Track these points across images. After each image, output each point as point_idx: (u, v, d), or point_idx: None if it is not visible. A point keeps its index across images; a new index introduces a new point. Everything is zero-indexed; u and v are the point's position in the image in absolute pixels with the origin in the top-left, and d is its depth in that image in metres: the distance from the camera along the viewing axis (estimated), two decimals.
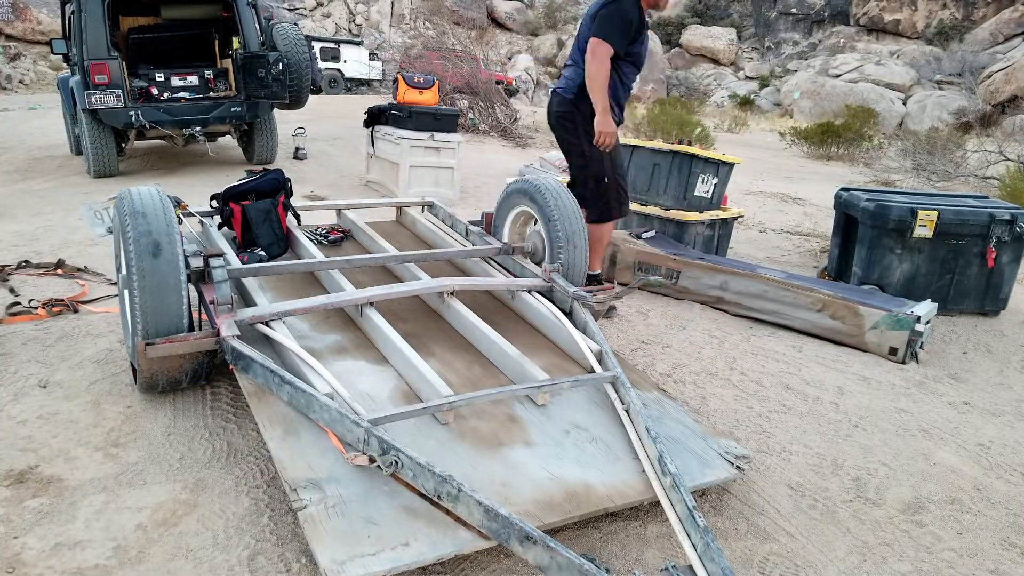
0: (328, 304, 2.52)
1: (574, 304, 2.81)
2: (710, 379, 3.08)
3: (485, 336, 2.56)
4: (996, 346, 3.88)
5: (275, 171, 3.52)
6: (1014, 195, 7.14)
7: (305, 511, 1.70)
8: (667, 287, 4.19)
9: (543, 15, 29.79)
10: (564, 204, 3.07)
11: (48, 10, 19.12)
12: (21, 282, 3.68)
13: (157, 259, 2.24)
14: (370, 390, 2.25)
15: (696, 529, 1.69)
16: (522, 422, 2.18)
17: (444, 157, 6.65)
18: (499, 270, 3.17)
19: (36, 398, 2.43)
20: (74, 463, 2.09)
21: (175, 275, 2.28)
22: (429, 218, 3.88)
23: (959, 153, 11.28)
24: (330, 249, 3.47)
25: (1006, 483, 2.43)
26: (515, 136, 12.03)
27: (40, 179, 6.90)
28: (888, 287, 4.12)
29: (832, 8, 28.87)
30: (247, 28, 7.16)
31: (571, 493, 1.90)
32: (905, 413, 2.90)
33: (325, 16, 26.23)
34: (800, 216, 7.50)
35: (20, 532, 1.78)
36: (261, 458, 2.16)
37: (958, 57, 23.36)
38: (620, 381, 2.33)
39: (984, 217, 4.08)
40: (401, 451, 1.75)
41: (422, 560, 1.63)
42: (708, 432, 2.31)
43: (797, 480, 2.31)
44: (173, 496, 1.96)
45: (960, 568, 1.95)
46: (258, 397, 2.12)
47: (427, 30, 20.31)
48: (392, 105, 6.78)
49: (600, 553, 1.86)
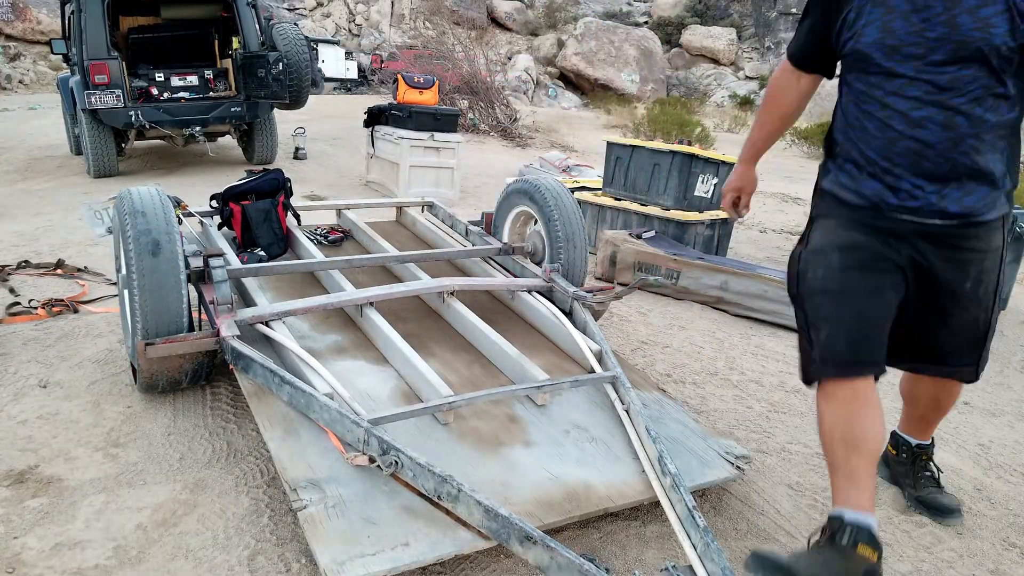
0: (328, 304, 2.52)
1: (574, 304, 2.81)
2: (710, 379, 3.08)
3: (485, 336, 2.56)
4: (996, 346, 3.87)
5: (275, 171, 3.53)
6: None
7: (305, 511, 1.70)
8: (667, 287, 4.19)
9: (543, 15, 29.78)
10: (564, 204, 3.07)
11: (48, 10, 19.10)
12: (21, 282, 3.68)
13: (157, 258, 2.24)
14: (370, 390, 2.25)
15: (696, 529, 1.69)
16: (522, 422, 2.18)
17: (444, 157, 6.65)
18: (499, 270, 3.17)
19: (36, 398, 2.43)
20: (74, 463, 2.08)
21: (175, 275, 2.28)
22: (429, 218, 3.88)
23: None
24: (330, 249, 3.47)
25: (1006, 483, 2.43)
26: (515, 136, 12.03)
27: (40, 179, 6.90)
28: None
29: None
30: (247, 28, 7.16)
31: (571, 493, 1.90)
32: None
33: (325, 16, 26.22)
34: (800, 216, 7.50)
35: (20, 532, 1.78)
36: (261, 458, 2.16)
37: None
38: (620, 381, 2.33)
39: None
40: (401, 451, 1.75)
41: (422, 560, 1.63)
42: (708, 432, 2.30)
43: (797, 480, 2.31)
44: (173, 496, 1.96)
45: (960, 568, 1.95)
46: (258, 397, 2.12)
47: (427, 30, 20.33)
48: (392, 105, 6.78)
49: (600, 553, 1.86)
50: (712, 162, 4.80)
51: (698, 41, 29.50)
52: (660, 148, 4.85)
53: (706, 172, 4.79)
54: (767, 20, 30.52)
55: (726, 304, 3.99)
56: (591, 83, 24.37)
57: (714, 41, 29.34)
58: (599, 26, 25.41)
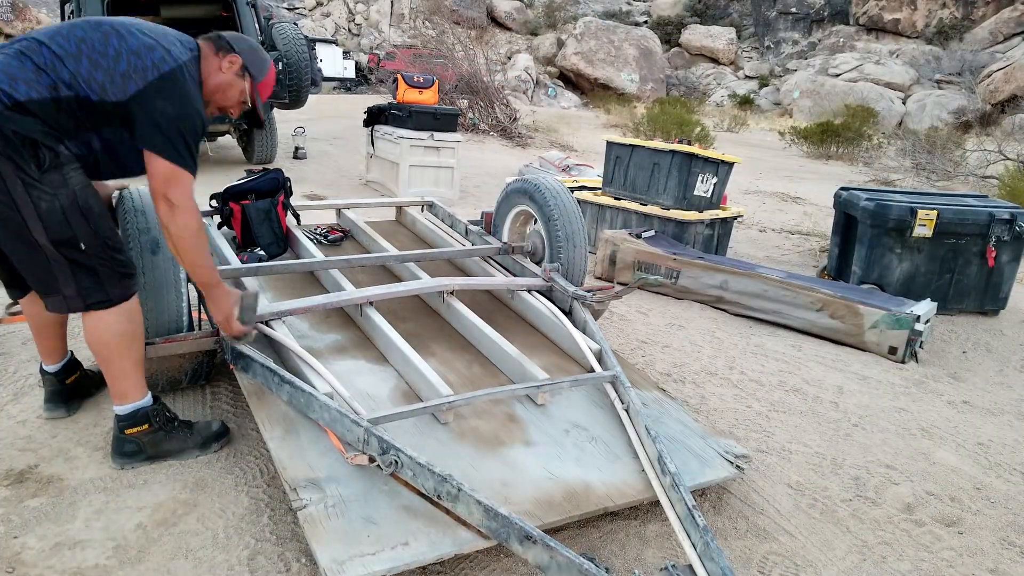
0: (328, 304, 2.52)
1: (574, 303, 2.81)
2: (710, 378, 3.08)
3: (485, 335, 2.56)
4: (996, 345, 3.88)
5: (275, 171, 3.52)
6: (1013, 194, 7.14)
7: (305, 511, 1.70)
8: (667, 286, 4.19)
9: (543, 14, 29.79)
10: (564, 204, 3.07)
11: (48, 9, 19.10)
12: None
13: (156, 257, 2.24)
14: (370, 390, 2.25)
15: (696, 528, 1.70)
16: (522, 421, 2.18)
17: (444, 157, 6.65)
18: (499, 270, 3.17)
19: (36, 398, 2.43)
20: (74, 462, 2.08)
21: (175, 274, 2.28)
22: (429, 217, 3.87)
23: (959, 152, 11.29)
24: (330, 248, 3.46)
25: (1005, 482, 2.43)
26: (515, 135, 12.03)
27: None
28: (888, 286, 4.13)
29: (831, 7, 28.86)
30: (247, 28, 7.15)
31: (571, 492, 1.90)
32: (905, 412, 2.91)
33: (325, 16, 26.21)
34: (800, 215, 7.50)
35: (20, 532, 1.78)
36: (261, 458, 2.16)
37: (958, 56, 23.35)
38: (620, 380, 2.33)
39: (984, 216, 4.08)
40: (401, 450, 1.75)
41: (422, 559, 1.63)
42: (708, 431, 2.31)
43: (797, 479, 2.31)
44: (173, 495, 1.96)
45: (960, 567, 1.95)
46: (258, 397, 2.12)
47: (427, 29, 20.30)
48: (392, 105, 6.78)
49: (600, 552, 1.86)
50: (712, 161, 4.80)
51: (697, 40, 29.50)
52: (660, 147, 4.85)
53: (706, 171, 4.79)
54: (766, 19, 30.50)
55: (726, 303, 3.99)
56: (591, 82, 24.37)
57: (713, 40, 29.33)
58: (599, 26, 25.40)
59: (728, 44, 29.37)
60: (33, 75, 1.77)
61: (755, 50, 30.27)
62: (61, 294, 1.89)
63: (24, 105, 1.74)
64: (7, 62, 1.77)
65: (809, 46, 28.75)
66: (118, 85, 1.83)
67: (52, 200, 1.78)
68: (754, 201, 8.13)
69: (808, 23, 29.61)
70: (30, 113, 1.75)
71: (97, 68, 1.82)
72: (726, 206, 5.17)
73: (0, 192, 1.74)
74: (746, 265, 4.16)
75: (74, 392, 2.39)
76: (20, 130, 1.72)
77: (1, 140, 1.71)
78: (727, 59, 29.47)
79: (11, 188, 1.74)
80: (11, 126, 1.71)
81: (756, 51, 30.20)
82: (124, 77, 1.83)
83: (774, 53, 29.43)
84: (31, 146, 1.74)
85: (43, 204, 1.77)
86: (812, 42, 28.89)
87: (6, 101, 1.72)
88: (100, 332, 1.95)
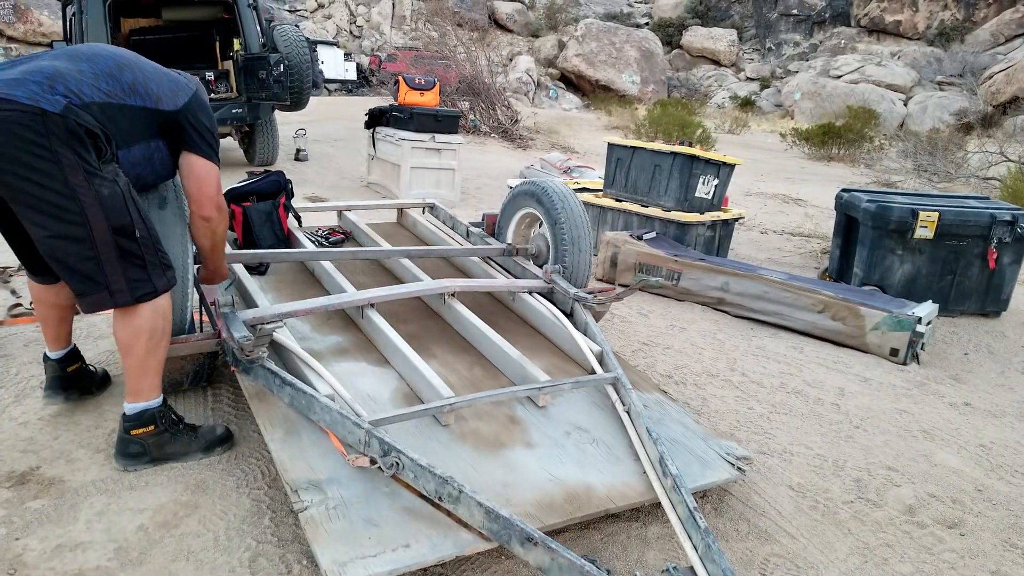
0: (329, 305, 2.52)
1: (575, 305, 2.81)
2: (711, 380, 3.08)
3: (486, 337, 2.56)
4: (997, 347, 3.88)
5: (276, 173, 3.53)
6: (1015, 196, 7.14)
7: (306, 512, 1.70)
8: (668, 288, 4.19)
9: (544, 16, 29.83)
10: (571, 207, 3.06)
11: (49, 12, 19.13)
12: (23, 284, 3.68)
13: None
14: (371, 391, 2.25)
15: (697, 530, 1.69)
16: (523, 423, 2.18)
17: (445, 159, 6.66)
18: (500, 271, 3.18)
19: (37, 400, 2.43)
20: (75, 464, 2.09)
21: (180, 274, 2.28)
22: (430, 219, 3.88)
23: (960, 154, 11.29)
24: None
25: (1007, 484, 2.43)
26: (516, 137, 12.04)
27: None
28: (889, 288, 4.12)
29: (833, 9, 28.88)
30: (248, 30, 7.17)
31: (572, 494, 1.90)
32: (906, 414, 2.90)
33: (326, 18, 26.25)
34: (801, 217, 7.50)
35: (22, 533, 1.78)
36: (262, 459, 2.16)
37: (959, 58, 23.35)
38: (621, 382, 2.33)
39: (985, 218, 4.08)
40: (402, 452, 1.75)
41: (423, 561, 1.63)
42: (709, 433, 2.30)
43: (798, 481, 2.31)
44: (174, 497, 1.96)
45: (961, 569, 1.95)
46: (259, 398, 2.12)
47: (428, 31, 20.34)
48: (393, 107, 6.79)
49: (601, 554, 1.85)
50: (713, 163, 4.80)
51: (699, 42, 29.52)
52: (661, 149, 4.85)
53: (707, 173, 4.79)
54: (768, 21, 30.53)
55: (727, 305, 3.99)
56: (592, 84, 24.40)
57: (715, 42, 29.36)
58: (600, 27, 25.44)
59: (729, 46, 29.39)
60: (91, 80, 1.90)
61: (756, 52, 30.28)
62: (107, 289, 1.90)
63: (89, 106, 1.85)
64: (66, 67, 1.88)
65: (810, 48, 28.76)
66: (169, 98, 2.07)
67: (113, 186, 1.87)
68: (755, 203, 8.13)
69: (809, 25, 29.63)
70: (92, 114, 1.86)
71: (149, 81, 2.03)
72: (727, 208, 5.17)
73: (60, 183, 1.79)
74: (747, 267, 4.15)
75: (74, 381, 2.42)
76: (85, 123, 1.82)
77: (66, 132, 1.78)
78: (728, 61, 29.48)
79: (71, 177, 1.79)
80: (76, 118, 1.80)
81: (757, 53, 30.21)
82: (172, 92, 2.08)
83: (775, 55, 29.44)
84: (93, 138, 1.83)
85: (105, 191, 1.84)
86: (813, 44, 28.90)
87: (76, 101, 1.82)
88: (135, 326, 1.97)
